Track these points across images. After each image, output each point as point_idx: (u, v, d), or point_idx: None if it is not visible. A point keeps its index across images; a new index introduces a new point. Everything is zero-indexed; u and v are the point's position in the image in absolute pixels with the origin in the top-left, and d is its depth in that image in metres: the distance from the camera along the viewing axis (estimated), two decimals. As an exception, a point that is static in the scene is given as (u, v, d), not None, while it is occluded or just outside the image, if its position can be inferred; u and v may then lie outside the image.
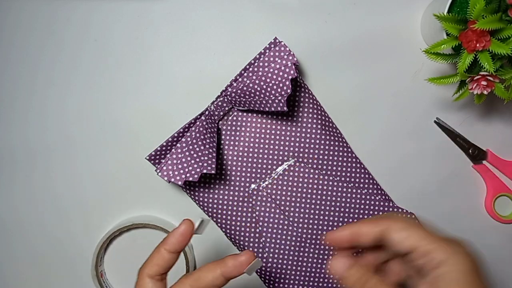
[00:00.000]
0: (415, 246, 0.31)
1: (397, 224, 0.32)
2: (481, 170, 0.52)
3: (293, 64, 0.42)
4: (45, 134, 0.50)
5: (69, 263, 0.51)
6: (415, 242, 0.31)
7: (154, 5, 0.49)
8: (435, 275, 0.31)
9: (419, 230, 0.32)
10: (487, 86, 0.40)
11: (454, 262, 0.31)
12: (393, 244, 0.32)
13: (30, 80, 0.50)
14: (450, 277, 0.30)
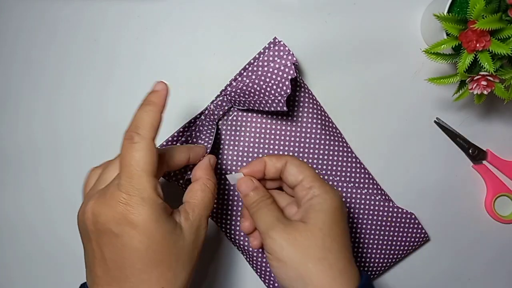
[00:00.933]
0: (302, 179, 0.38)
1: (294, 161, 0.40)
2: (481, 170, 0.52)
3: (293, 64, 0.42)
4: (42, 134, 0.50)
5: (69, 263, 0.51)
6: (304, 177, 0.38)
7: (154, 5, 0.49)
8: (309, 204, 0.37)
9: (310, 170, 0.39)
10: (487, 86, 0.40)
11: (326, 197, 0.37)
12: (288, 176, 0.39)
13: (31, 80, 0.50)
14: (319, 207, 0.37)
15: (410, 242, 0.49)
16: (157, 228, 0.32)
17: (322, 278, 0.34)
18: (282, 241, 0.35)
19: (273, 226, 0.36)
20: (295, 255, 0.35)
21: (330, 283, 0.34)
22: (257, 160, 0.40)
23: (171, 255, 0.33)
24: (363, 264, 0.49)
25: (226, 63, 0.49)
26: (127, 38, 0.49)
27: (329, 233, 0.36)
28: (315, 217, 0.36)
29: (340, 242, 0.36)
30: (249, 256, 0.48)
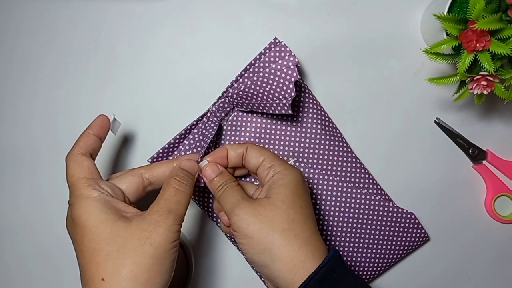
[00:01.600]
0: (263, 160, 0.40)
1: (254, 145, 0.42)
2: (481, 170, 0.52)
3: (295, 66, 0.42)
4: (41, 134, 0.50)
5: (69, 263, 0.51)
6: (265, 158, 0.40)
7: (154, 5, 0.49)
8: (272, 181, 0.39)
9: (269, 151, 0.41)
10: (487, 86, 0.40)
11: (287, 173, 0.39)
12: (250, 159, 0.41)
13: (31, 80, 0.50)
14: (281, 182, 0.38)
15: (410, 242, 0.49)
16: (89, 218, 0.34)
17: (288, 248, 0.35)
18: (248, 217, 0.36)
19: (238, 204, 0.37)
20: (261, 229, 0.36)
21: (296, 252, 0.35)
22: (219, 148, 0.42)
23: (109, 244, 0.33)
24: (363, 264, 0.49)
25: (226, 63, 0.49)
26: (127, 38, 0.49)
27: (292, 205, 0.37)
28: (277, 192, 0.38)
29: (303, 213, 0.37)
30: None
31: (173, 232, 0.35)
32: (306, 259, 0.35)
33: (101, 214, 0.34)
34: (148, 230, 0.34)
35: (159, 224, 0.34)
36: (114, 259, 0.33)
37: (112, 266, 0.33)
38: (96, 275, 0.33)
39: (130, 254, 0.33)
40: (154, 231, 0.34)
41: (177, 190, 0.37)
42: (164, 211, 0.35)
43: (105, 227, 0.34)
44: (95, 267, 0.33)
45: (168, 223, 0.35)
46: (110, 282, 0.32)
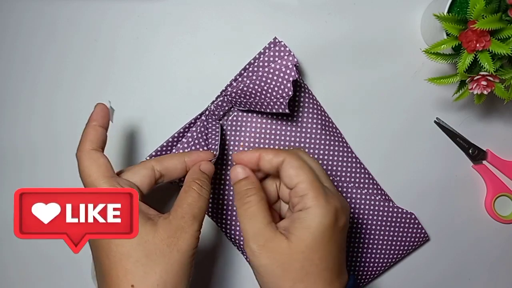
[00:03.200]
0: (297, 185, 0.35)
1: (293, 161, 0.36)
2: (481, 170, 0.52)
3: (294, 65, 0.42)
4: (45, 134, 0.50)
5: (69, 263, 0.51)
6: (299, 182, 0.35)
7: (154, 5, 0.49)
8: (297, 216, 0.35)
9: (308, 173, 0.36)
10: (487, 86, 0.40)
11: (317, 213, 0.34)
12: (284, 177, 0.37)
13: (31, 80, 0.50)
14: (306, 224, 0.34)
15: (410, 242, 0.49)
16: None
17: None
18: (261, 258, 0.35)
19: (254, 236, 0.35)
20: (273, 274, 0.34)
21: None
22: (252, 151, 0.39)
23: (138, 250, 0.33)
24: (363, 264, 0.49)
25: (226, 63, 0.49)
26: (127, 38, 0.49)
27: (310, 257, 0.34)
28: (299, 236, 0.34)
29: (320, 265, 0.35)
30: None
31: (196, 238, 0.35)
32: None
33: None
34: (175, 236, 0.34)
35: (185, 230, 0.34)
36: (144, 266, 0.32)
37: (142, 273, 0.32)
38: (125, 281, 0.32)
39: (159, 261, 0.33)
40: (181, 237, 0.34)
41: (200, 195, 0.36)
42: (189, 217, 0.35)
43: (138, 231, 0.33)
44: (123, 273, 0.32)
45: (193, 229, 0.35)
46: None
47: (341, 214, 0.36)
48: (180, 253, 0.33)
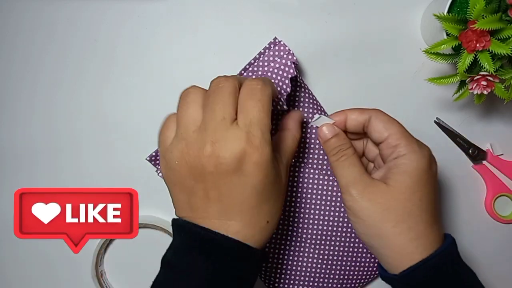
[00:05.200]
0: (388, 137, 0.37)
1: (380, 115, 0.39)
2: (481, 170, 0.52)
3: (293, 63, 0.42)
4: (45, 134, 0.50)
5: (69, 263, 0.51)
6: (390, 134, 0.37)
7: (154, 5, 0.49)
8: (394, 164, 0.37)
9: (397, 125, 0.38)
10: (487, 86, 0.40)
11: (413, 158, 0.36)
12: (373, 132, 0.38)
13: (30, 80, 0.50)
14: (404, 168, 0.36)
15: (410, 242, 0.49)
16: (272, 169, 0.35)
17: (399, 239, 0.36)
18: (362, 201, 0.36)
19: (353, 183, 0.37)
20: (374, 216, 0.36)
21: (406, 245, 0.36)
22: (338, 112, 0.40)
23: (274, 193, 0.36)
24: (364, 264, 0.49)
25: (226, 63, 0.49)
26: (127, 38, 0.49)
27: (411, 198, 0.36)
28: (398, 180, 0.36)
29: (421, 206, 0.36)
30: (249, 256, 0.49)
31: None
32: (415, 251, 0.36)
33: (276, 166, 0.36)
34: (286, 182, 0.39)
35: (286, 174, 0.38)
36: (278, 205, 0.37)
37: (274, 211, 0.36)
38: (263, 216, 0.35)
39: (281, 202, 0.38)
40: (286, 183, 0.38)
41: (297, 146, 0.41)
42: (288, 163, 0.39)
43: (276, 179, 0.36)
44: (266, 212, 0.35)
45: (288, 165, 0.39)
46: (272, 225, 0.36)
47: (433, 160, 0.38)
48: (285, 188, 0.38)
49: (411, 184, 0.36)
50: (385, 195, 0.36)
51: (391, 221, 0.36)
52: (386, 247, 0.37)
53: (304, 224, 0.48)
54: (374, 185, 0.37)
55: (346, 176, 0.38)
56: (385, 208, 0.36)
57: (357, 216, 0.37)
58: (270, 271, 0.48)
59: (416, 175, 0.36)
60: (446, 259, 0.36)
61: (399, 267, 0.36)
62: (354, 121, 0.39)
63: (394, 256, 0.36)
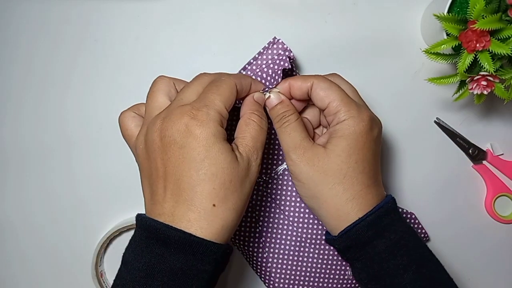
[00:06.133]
0: (329, 104, 0.38)
1: (321, 83, 0.39)
2: (481, 170, 0.52)
3: (288, 57, 0.42)
4: (44, 134, 0.50)
5: (69, 263, 0.51)
6: (330, 101, 0.38)
7: (154, 5, 0.49)
8: (333, 129, 0.38)
9: (336, 92, 0.38)
10: (487, 86, 0.40)
11: (350, 123, 0.37)
12: (315, 100, 0.39)
13: (30, 80, 0.50)
14: (341, 133, 0.37)
15: (410, 242, 0.49)
16: (215, 144, 0.33)
17: (335, 200, 0.37)
18: (301, 165, 0.38)
19: (294, 148, 0.38)
20: (313, 178, 0.38)
21: (342, 205, 0.37)
22: (283, 81, 0.41)
23: (225, 173, 0.34)
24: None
25: (226, 63, 0.49)
26: (127, 38, 0.49)
27: (347, 160, 0.37)
28: (335, 143, 0.37)
29: (357, 168, 0.37)
30: (249, 256, 0.48)
31: (258, 172, 0.37)
32: (351, 211, 0.37)
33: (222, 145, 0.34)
34: (248, 168, 0.36)
35: (251, 163, 0.36)
36: (226, 190, 0.34)
37: (224, 195, 0.34)
38: (209, 199, 0.33)
39: (236, 189, 0.34)
40: (250, 169, 0.36)
41: (261, 128, 0.38)
42: (254, 150, 0.36)
43: (224, 158, 0.34)
44: (209, 191, 0.33)
45: (258, 163, 0.37)
46: (219, 209, 0.33)
47: (374, 124, 0.39)
48: (250, 183, 0.36)
49: (347, 147, 0.37)
50: (323, 159, 0.37)
51: (328, 183, 0.37)
52: (323, 209, 0.38)
53: (304, 224, 0.48)
54: (313, 149, 0.38)
55: (287, 142, 0.39)
56: (322, 171, 0.37)
57: (297, 179, 0.39)
58: (270, 271, 0.48)
59: (352, 139, 0.37)
60: (382, 216, 0.37)
61: (338, 228, 0.38)
62: (297, 89, 0.40)
63: (332, 216, 0.38)
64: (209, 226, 0.33)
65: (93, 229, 0.51)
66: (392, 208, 0.38)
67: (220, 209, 0.33)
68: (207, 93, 0.35)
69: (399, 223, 0.38)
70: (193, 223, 0.33)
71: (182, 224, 0.33)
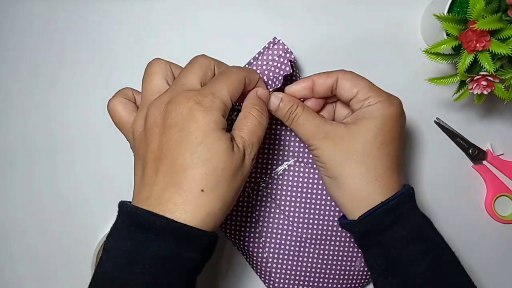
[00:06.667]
0: (358, 92, 0.38)
1: (346, 74, 0.38)
2: (481, 170, 0.52)
3: (289, 61, 0.43)
4: (44, 134, 0.50)
5: (69, 263, 0.51)
6: (359, 90, 0.38)
7: (154, 5, 0.49)
8: (362, 111, 0.37)
9: (365, 81, 0.38)
10: (487, 86, 0.40)
11: (380, 106, 0.37)
12: (341, 91, 0.38)
13: (30, 80, 0.50)
14: (370, 114, 0.37)
15: (410, 242, 0.49)
16: (214, 131, 0.33)
17: (356, 180, 0.36)
18: (323, 147, 0.37)
19: (312, 136, 0.38)
20: (335, 158, 0.37)
21: (364, 186, 0.36)
22: (305, 78, 0.40)
23: (218, 160, 0.33)
24: (363, 264, 0.49)
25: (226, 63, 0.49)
26: (127, 38, 0.49)
27: (372, 140, 0.36)
28: (361, 123, 0.37)
29: (383, 150, 0.36)
30: (249, 256, 0.48)
31: (251, 166, 0.36)
32: (372, 193, 0.36)
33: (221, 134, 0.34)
34: (242, 160, 0.35)
35: (246, 157, 0.35)
36: (218, 177, 0.33)
37: (214, 182, 0.33)
38: (199, 183, 0.33)
39: (227, 179, 0.34)
40: (244, 163, 0.35)
41: (260, 123, 0.37)
42: (249, 144, 0.36)
43: (221, 146, 0.33)
44: (200, 175, 0.33)
45: (251, 157, 0.36)
46: (207, 195, 0.33)
47: (403, 113, 0.38)
48: (242, 175, 0.35)
49: (373, 127, 0.36)
50: (347, 138, 0.36)
51: (352, 162, 0.36)
52: (342, 189, 0.37)
53: (304, 224, 0.48)
54: (334, 129, 0.37)
55: (303, 134, 0.38)
56: (346, 150, 0.36)
57: (320, 161, 0.38)
58: (270, 271, 0.48)
59: (380, 120, 0.36)
60: (403, 202, 0.36)
61: (354, 210, 0.37)
62: (322, 85, 0.39)
63: (350, 197, 0.37)
64: (194, 211, 0.32)
65: (93, 229, 0.51)
66: (412, 195, 0.37)
67: (208, 195, 0.33)
68: (216, 81, 0.35)
69: (418, 212, 0.38)
70: (178, 207, 0.32)
71: (167, 208, 0.32)
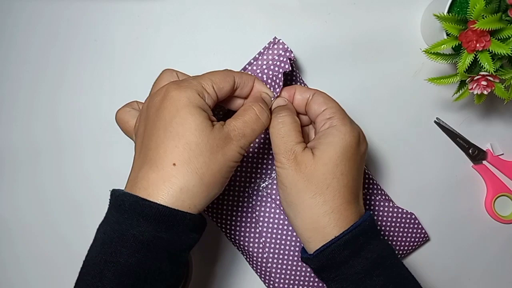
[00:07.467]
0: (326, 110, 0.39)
1: (322, 93, 0.40)
2: (481, 170, 0.52)
3: (289, 59, 0.42)
4: (44, 134, 0.50)
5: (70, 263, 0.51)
6: (328, 108, 0.39)
7: (154, 5, 0.49)
8: (323, 133, 0.38)
9: (336, 104, 0.39)
10: (487, 86, 0.40)
11: (342, 130, 0.37)
12: (313, 104, 0.39)
13: (30, 80, 0.50)
14: (331, 139, 0.37)
15: (410, 242, 0.49)
16: (186, 106, 0.33)
17: (314, 211, 0.36)
18: (289, 169, 0.37)
19: (286, 152, 0.37)
20: (296, 184, 0.37)
21: (320, 217, 0.36)
22: (288, 87, 0.41)
23: (191, 135, 0.33)
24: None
25: (226, 63, 0.49)
26: (127, 38, 0.49)
27: (333, 170, 0.36)
28: (323, 150, 0.37)
29: (342, 180, 0.36)
30: (250, 256, 0.48)
31: (239, 154, 0.36)
32: (328, 225, 0.36)
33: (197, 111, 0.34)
34: (224, 141, 0.35)
35: (231, 141, 0.35)
36: (191, 151, 0.33)
37: (187, 156, 0.33)
38: (170, 157, 0.33)
39: (204, 154, 0.33)
40: (227, 145, 0.35)
41: (258, 118, 0.37)
42: (239, 132, 0.36)
43: (198, 118, 0.33)
44: (171, 150, 0.33)
45: (238, 145, 0.35)
46: (180, 170, 0.33)
47: (363, 140, 0.39)
48: (223, 157, 0.34)
49: (334, 156, 0.36)
50: (310, 164, 0.36)
51: (311, 191, 0.36)
52: (299, 218, 0.37)
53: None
54: (302, 154, 0.37)
55: (280, 145, 0.38)
56: (307, 178, 0.36)
57: (282, 183, 0.37)
58: (270, 271, 0.48)
59: (341, 148, 0.37)
60: (359, 235, 0.36)
61: (311, 242, 0.37)
62: (299, 95, 0.40)
63: (306, 228, 0.37)
64: (165, 187, 0.32)
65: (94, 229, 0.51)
66: (369, 226, 0.37)
67: (180, 169, 0.32)
68: (201, 75, 0.37)
69: (376, 242, 0.37)
70: (151, 183, 0.32)
71: (141, 185, 0.33)
